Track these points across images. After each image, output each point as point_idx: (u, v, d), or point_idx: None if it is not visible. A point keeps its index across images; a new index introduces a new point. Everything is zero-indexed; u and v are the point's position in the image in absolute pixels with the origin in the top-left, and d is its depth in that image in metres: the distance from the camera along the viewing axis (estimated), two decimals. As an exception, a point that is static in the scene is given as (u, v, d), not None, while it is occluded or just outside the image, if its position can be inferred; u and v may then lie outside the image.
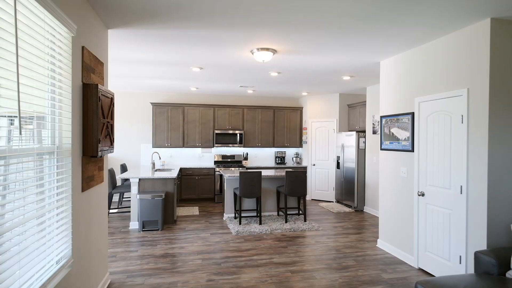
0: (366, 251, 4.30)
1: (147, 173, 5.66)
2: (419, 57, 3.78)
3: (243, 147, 8.04)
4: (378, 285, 3.28)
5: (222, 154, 8.11)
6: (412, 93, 3.90)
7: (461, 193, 3.15)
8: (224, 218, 5.96)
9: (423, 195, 3.67)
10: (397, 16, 2.85)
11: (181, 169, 7.40)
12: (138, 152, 7.79)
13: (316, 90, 7.28)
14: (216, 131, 7.78)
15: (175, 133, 7.62)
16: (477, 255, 2.64)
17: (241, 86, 6.73)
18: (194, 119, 7.71)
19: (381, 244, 4.44)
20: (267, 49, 3.82)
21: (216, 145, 7.79)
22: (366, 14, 2.82)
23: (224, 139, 7.84)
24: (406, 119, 3.97)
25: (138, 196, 5.11)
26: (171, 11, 2.78)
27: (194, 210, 6.62)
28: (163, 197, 5.19)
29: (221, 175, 7.54)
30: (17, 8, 1.51)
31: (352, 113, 7.52)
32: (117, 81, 6.24)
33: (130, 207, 6.45)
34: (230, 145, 7.88)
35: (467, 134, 3.09)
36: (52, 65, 1.96)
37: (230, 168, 7.53)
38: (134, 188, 5.32)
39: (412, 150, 3.86)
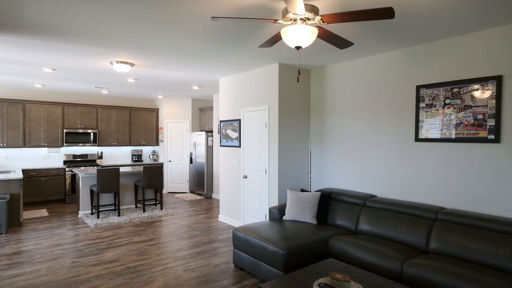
0: (210, 224, 5.60)
1: (-17, 176, 5.19)
2: (243, 79, 5.32)
3: (98, 146, 8.08)
4: (215, 242, 4.58)
5: (73, 153, 7.89)
6: (239, 105, 5.42)
7: (266, 173, 4.81)
8: (79, 215, 6.10)
9: (246, 177, 5.23)
10: (223, 53, 4.17)
11: (23, 171, 6.85)
12: (-40, 153, 6.66)
13: (171, 95, 8.19)
14: (66, 130, 7.54)
15: (12, 131, 6.95)
16: (270, 210, 4.28)
17: (96, 87, 6.91)
18: (38, 117, 7.23)
19: (221, 218, 5.85)
20: (126, 63, 4.51)
21: (66, 144, 7.56)
22: (203, 51, 4.01)
23: (75, 138, 7.69)
24: (236, 124, 5.47)
25: (-26, 200, 4.73)
26: (38, 27, 3.15)
27: (42, 212, 6.38)
28: (8, 198, 4.98)
29: (73, 175, 7.40)
30: None
31: (202, 115, 8.84)
32: None
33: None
34: (82, 144, 7.79)
35: (268, 135, 4.76)
36: None
37: (83, 167, 7.50)
38: (-33, 192, 4.84)
39: (240, 146, 5.38)
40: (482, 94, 3.14)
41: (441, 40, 3.46)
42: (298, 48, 2.23)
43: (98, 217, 5.81)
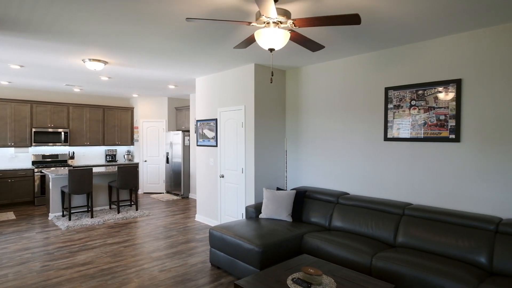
0: (186, 224, 5.58)
1: None
2: (219, 79, 5.34)
3: (69, 146, 7.80)
4: (192, 242, 4.58)
5: (43, 153, 7.58)
6: (216, 104, 5.43)
7: (242, 172, 4.86)
8: (50, 218, 5.89)
9: (223, 176, 5.25)
10: (199, 53, 4.17)
11: (-13, 172, 6.52)
12: None
13: (146, 94, 8.05)
14: (35, 129, 7.24)
15: (-24, 131, 6.58)
16: (246, 208, 4.33)
17: (67, 85, 6.67)
18: (3, 115, 6.89)
19: (198, 217, 5.84)
20: (99, 60, 4.41)
21: (35, 144, 7.25)
22: (179, 50, 3.99)
23: (44, 137, 7.39)
24: (213, 123, 5.48)
25: None
26: (5, 22, 3.03)
27: (9, 215, 6.10)
28: (-29, 202, 4.73)
29: (42, 176, 7.11)
30: None
31: (179, 114, 8.75)
32: None
33: None
34: (52, 144, 7.50)
35: (244, 134, 4.81)
36: None
37: (53, 168, 7.22)
38: None
39: (217, 146, 5.39)
40: (444, 96, 3.34)
41: (406, 45, 3.65)
42: (271, 50, 2.29)
43: (69, 219, 5.63)
